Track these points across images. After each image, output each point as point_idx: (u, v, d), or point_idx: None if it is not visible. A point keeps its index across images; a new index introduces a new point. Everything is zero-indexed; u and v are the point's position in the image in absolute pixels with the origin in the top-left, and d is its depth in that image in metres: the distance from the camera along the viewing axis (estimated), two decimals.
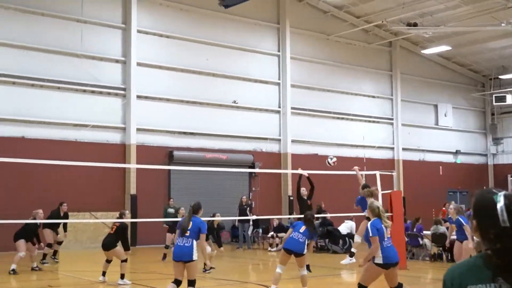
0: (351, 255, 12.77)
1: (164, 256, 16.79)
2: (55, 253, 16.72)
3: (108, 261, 12.45)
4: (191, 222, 8.82)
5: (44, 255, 16.00)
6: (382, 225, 8.12)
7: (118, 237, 12.33)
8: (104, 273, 12.37)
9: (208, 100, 24.54)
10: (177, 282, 8.84)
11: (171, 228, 16.91)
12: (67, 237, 17.42)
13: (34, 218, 14.56)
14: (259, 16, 26.35)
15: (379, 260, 8.00)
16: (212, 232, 15.01)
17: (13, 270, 13.83)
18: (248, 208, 21.63)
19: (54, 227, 16.42)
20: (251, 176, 25.45)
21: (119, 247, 12.36)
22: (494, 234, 2.20)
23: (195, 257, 8.68)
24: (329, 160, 15.52)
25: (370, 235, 7.99)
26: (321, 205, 20.39)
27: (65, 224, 16.78)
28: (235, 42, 25.48)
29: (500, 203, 2.21)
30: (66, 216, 16.35)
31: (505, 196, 2.25)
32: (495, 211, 2.21)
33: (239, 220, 21.36)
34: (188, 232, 8.73)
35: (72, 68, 21.45)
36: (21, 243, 14.18)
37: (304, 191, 14.51)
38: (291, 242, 10.00)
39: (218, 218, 15.40)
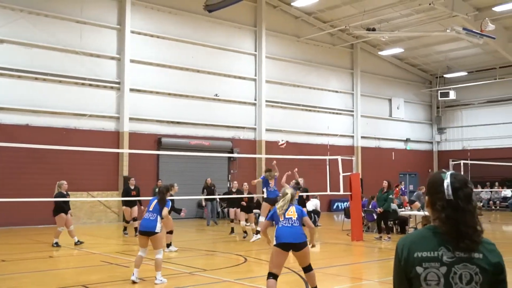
0: (257, 232, 13.58)
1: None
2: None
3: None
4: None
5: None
6: None
7: None
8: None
9: (193, 93, 24.50)
10: None
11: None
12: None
13: (60, 188, 13.64)
14: (238, 20, 26.29)
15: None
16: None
17: (56, 243, 13.42)
18: (214, 188, 21.21)
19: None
20: (230, 160, 25.55)
21: None
22: (441, 205, 2.37)
23: None
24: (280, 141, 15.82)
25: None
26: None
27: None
28: (217, 42, 25.42)
29: (447, 180, 2.39)
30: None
31: (451, 175, 2.44)
32: (442, 187, 2.38)
33: (206, 199, 20.97)
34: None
35: (72, 63, 21.25)
36: (60, 217, 13.59)
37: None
38: None
39: (199, 197, 15.37)
